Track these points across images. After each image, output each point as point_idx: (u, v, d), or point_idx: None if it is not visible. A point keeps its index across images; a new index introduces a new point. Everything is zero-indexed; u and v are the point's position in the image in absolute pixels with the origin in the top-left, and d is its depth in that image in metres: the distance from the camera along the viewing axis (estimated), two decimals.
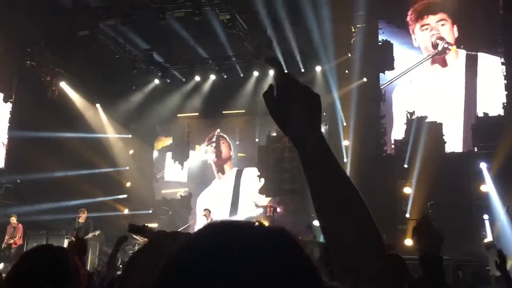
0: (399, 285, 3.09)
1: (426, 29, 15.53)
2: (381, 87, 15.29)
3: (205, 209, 14.58)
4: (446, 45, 15.37)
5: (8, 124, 16.42)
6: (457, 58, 15.27)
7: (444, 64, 15.44)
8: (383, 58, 14.89)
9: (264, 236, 0.78)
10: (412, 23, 15.59)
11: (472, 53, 14.96)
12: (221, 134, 18.28)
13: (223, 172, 17.99)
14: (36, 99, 15.76)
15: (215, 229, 0.80)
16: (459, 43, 15.23)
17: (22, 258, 2.08)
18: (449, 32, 15.46)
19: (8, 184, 15.54)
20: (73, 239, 13.25)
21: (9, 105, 16.66)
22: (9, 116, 16.56)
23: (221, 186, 17.71)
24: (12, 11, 14.67)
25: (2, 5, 14.71)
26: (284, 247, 0.77)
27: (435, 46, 15.44)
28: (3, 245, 13.09)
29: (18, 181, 15.41)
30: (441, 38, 15.40)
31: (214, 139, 18.22)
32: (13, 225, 13.31)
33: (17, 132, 15.76)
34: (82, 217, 13.54)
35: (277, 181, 16.76)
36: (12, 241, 13.09)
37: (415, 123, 14.10)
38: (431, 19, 15.57)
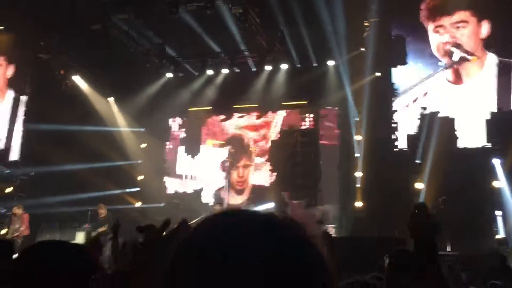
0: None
1: (438, 32, 14.06)
2: (396, 95, 14.48)
3: (217, 203, 14.63)
4: (463, 54, 13.59)
5: (23, 117, 16.62)
6: (482, 67, 13.69)
7: (458, 81, 13.90)
8: (396, 53, 14.76)
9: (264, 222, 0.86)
10: (425, 21, 14.34)
11: (506, 59, 13.32)
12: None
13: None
14: (49, 92, 15.92)
15: (224, 215, 0.93)
16: (488, 45, 13.59)
17: (27, 251, 1.76)
18: (470, 36, 13.64)
19: (22, 177, 15.73)
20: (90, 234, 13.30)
21: (24, 98, 16.85)
22: (24, 109, 16.76)
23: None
24: (25, 5, 14.82)
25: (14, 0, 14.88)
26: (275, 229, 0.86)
27: (448, 54, 13.81)
28: (8, 236, 12.62)
29: (32, 173, 15.58)
30: (457, 45, 13.66)
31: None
32: (18, 215, 13.11)
33: (32, 125, 15.94)
34: (102, 213, 13.48)
35: (289, 176, 16.76)
36: (17, 233, 12.81)
37: (428, 118, 13.99)
38: (445, 20, 14.01)
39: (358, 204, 14.22)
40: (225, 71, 17.20)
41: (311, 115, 17.11)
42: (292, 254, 0.81)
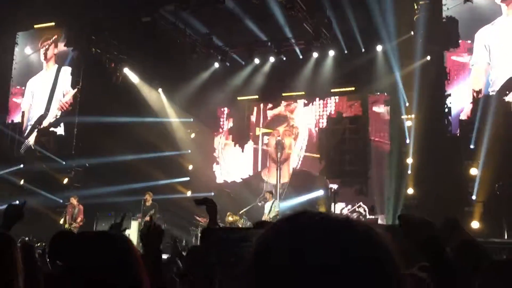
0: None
1: None
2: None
3: (267, 192, 14.67)
4: None
5: (77, 109, 17.11)
6: None
7: None
8: (448, 36, 14.24)
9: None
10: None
11: None
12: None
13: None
14: (101, 85, 16.28)
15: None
16: None
17: None
18: None
19: (77, 168, 16.25)
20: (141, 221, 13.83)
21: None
22: (77, 101, 17.25)
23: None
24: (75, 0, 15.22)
25: None
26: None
27: None
28: (66, 226, 13.53)
29: (87, 164, 16.06)
30: None
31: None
32: (74, 206, 13.87)
33: (85, 118, 16.39)
34: (148, 200, 14.01)
35: (338, 163, 16.64)
36: (75, 224, 13.63)
37: (481, 102, 13.47)
38: None
39: (410, 191, 13.95)
40: (272, 59, 17.17)
41: (360, 102, 16.86)
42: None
